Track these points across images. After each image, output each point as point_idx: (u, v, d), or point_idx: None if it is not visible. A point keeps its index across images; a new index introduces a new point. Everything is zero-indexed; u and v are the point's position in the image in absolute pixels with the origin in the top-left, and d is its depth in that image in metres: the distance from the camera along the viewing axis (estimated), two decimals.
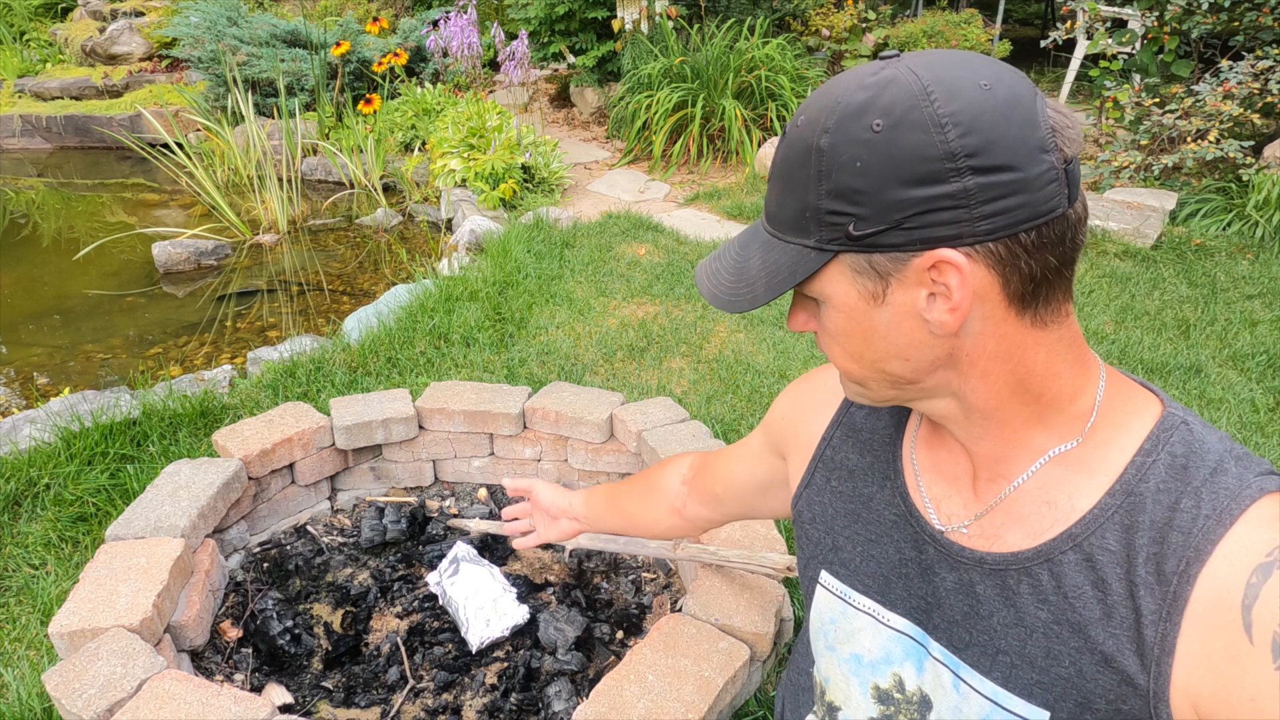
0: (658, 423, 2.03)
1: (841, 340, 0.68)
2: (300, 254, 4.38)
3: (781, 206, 0.65)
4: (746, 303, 0.66)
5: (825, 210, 0.61)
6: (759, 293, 0.65)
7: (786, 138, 0.64)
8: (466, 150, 4.59)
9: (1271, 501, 0.61)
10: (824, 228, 0.62)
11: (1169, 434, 0.66)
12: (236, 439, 1.97)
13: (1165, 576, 0.61)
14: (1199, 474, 0.63)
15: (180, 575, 1.62)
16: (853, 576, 0.82)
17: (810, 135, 0.61)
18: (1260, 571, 0.58)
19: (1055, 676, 0.66)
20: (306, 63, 5.87)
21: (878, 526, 0.80)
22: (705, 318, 3.13)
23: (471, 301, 3.15)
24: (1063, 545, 0.66)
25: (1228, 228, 3.95)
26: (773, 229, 0.67)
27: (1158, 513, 0.63)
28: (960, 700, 0.73)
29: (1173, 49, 4.71)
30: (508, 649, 1.69)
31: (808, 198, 0.62)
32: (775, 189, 0.66)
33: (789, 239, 0.65)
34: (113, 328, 3.56)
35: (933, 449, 0.77)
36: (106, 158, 6.51)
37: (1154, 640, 0.61)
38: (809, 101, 0.64)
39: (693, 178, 5.08)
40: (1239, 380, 2.72)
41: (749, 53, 5.15)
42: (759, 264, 0.66)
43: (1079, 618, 0.65)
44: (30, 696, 1.56)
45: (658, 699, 1.32)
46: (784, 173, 0.64)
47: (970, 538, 0.72)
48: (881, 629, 0.80)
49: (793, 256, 0.64)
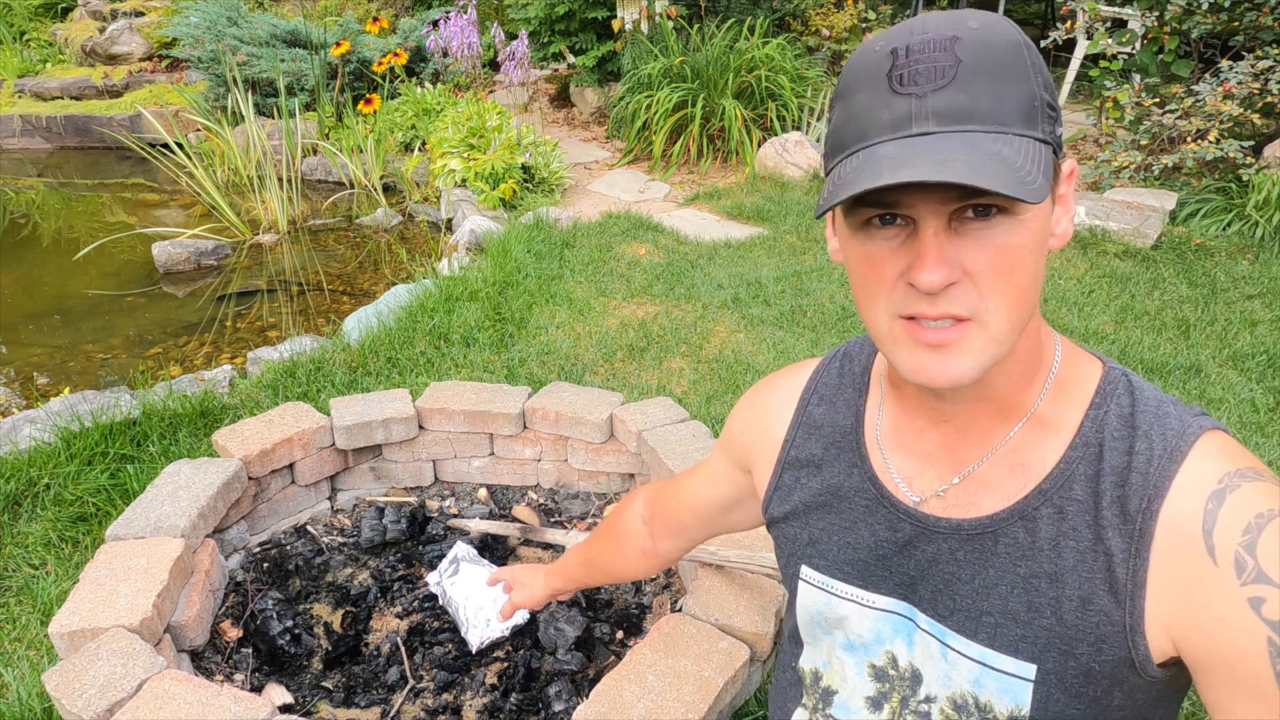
0: (658, 423, 2.03)
1: (1026, 264, 0.61)
2: (300, 254, 4.38)
3: (1001, 99, 0.59)
4: (1037, 190, 0.56)
5: (1046, 103, 0.61)
6: (1040, 181, 0.57)
7: (965, 40, 0.59)
8: (466, 150, 4.59)
9: (1211, 438, 0.66)
10: (1046, 120, 0.61)
11: (1114, 387, 0.71)
12: (236, 439, 1.97)
13: (1130, 515, 0.65)
14: (1145, 419, 0.68)
15: (180, 575, 1.62)
16: (832, 566, 0.83)
17: (1005, 32, 0.60)
18: (1215, 498, 0.63)
19: (1038, 629, 0.69)
20: (306, 63, 5.87)
21: (850, 514, 0.82)
22: (705, 318, 3.13)
23: (471, 301, 3.15)
24: (1035, 502, 0.70)
25: (1228, 228, 3.95)
26: (997, 127, 0.59)
27: (1115, 458, 0.67)
28: (949, 669, 0.75)
29: (1173, 49, 4.71)
30: (508, 649, 1.69)
31: (1034, 89, 0.60)
32: (980, 84, 0.59)
33: (1021, 131, 0.59)
34: (113, 328, 3.56)
35: (901, 432, 0.79)
36: (106, 158, 6.51)
37: (1125, 577, 0.65)
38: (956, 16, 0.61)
39: (693, 178, 5.09)
40: (1239, 380, 2.72)
41: (749, 53, 5.15)
42: (1014, 153, 0.57)
43: (1055, 568, 0.68)
44: (30, 696, 1.56)
45: (658, 699, 1.32)
46: (994, 66, 0.59)
47: (946, 508, 0.75)
48: (867, 612, 0.81)
49: (1033, 149, 0.59)
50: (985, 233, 0.60)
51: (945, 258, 0.60)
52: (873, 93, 0.61)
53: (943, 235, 0.60)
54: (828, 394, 0.88)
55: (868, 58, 0.62)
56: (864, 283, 0.65)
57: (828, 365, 0.90)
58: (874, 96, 0.61)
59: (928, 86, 0.59)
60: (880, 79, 0.61)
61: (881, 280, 0.63)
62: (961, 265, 0.60)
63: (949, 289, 0.61)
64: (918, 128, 0.59)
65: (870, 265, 0.64)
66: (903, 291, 0.62)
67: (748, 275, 3.52)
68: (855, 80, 0.63)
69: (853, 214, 0.64)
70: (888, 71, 0.60)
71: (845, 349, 0.90)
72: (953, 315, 0.61)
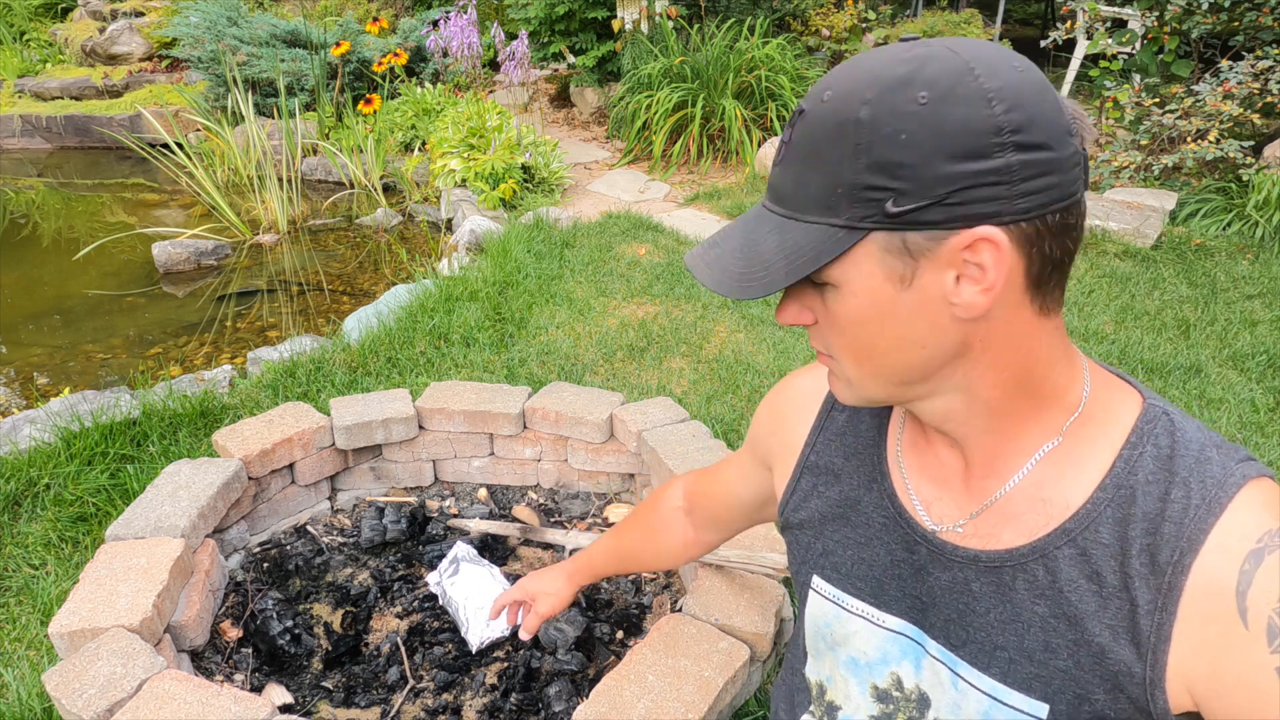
0: (658, 423, 2.03)
1: (852, 330, 0.65)
2: (300, 254, 4.38)
3: (802, 185, 0.62)
4: (761, 287, 0.62)
5: (862, 185, 0.59)
6: (777, 276, 0.61)
7: (807, 115, 0.61)
8: (466, 150, 4.59)
9: (1255, 487, 0.62)
10: (857, 204, 0.59)
11: (1152, 426, 0.67)
12: (236, 439, 1.97)
13: (1160, 567, 0.62)
14: (1185, 464, 0.64)
15: (180, 575, 1.62)
16: (844, 580, 0.82)
17: (845, 108, 0.59)
18: (1252, 558, 0.59)
19: (1053, 670, 0.67)
20: (306, 63, 5.87)
21: (867, 529, 0.80)
22: (705, 318, 3.13)
23: (471, 301, 3.15)
24: (1057, 541, 0.67)
25: (1228, 228, 3.95)
26: (787, 210, 0.63)
27: (1149, 504, 0.64)
28: (959, 697, 0.73)
29: (1173, 49, 4.71)
30: (508, 649, 1.69)
31: (841, 173, 0.59)
32: (793, 169, 0.63)
33: (811, 219, 0.62)
34: (113, 328, 3.56)
35: (919, 452, 0.77)
36: (106, 158, 6.51)
37: (1150, 630, 0.62)
38: (833, 78, 0.61)
39: (693, 178, 5.08)
40: (1239, 380, 2.72)
41: (749, 53, 5.15)
42: (774, 246, 0.62)
43: (1075, 611, 0.66)
44: (30, 696, 1.56)
45: (658, 699, 1.32)
46: (808, 150, 0.61)
47: (965, 537, 0.72)
48: (876, 630, 0.80)
49: (816, 236, 0.61)
50: (825, 292, 0.65)
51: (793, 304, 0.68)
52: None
53: (804, 284, 0.66)
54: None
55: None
56: None
57: None
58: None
59: (777, 160, 0.65)
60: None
61: None
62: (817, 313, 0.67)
63: (812, 328, 0.68)
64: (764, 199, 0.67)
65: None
66: None
67: None
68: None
69: None
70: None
71: None
72: (818, 349, 0.70)
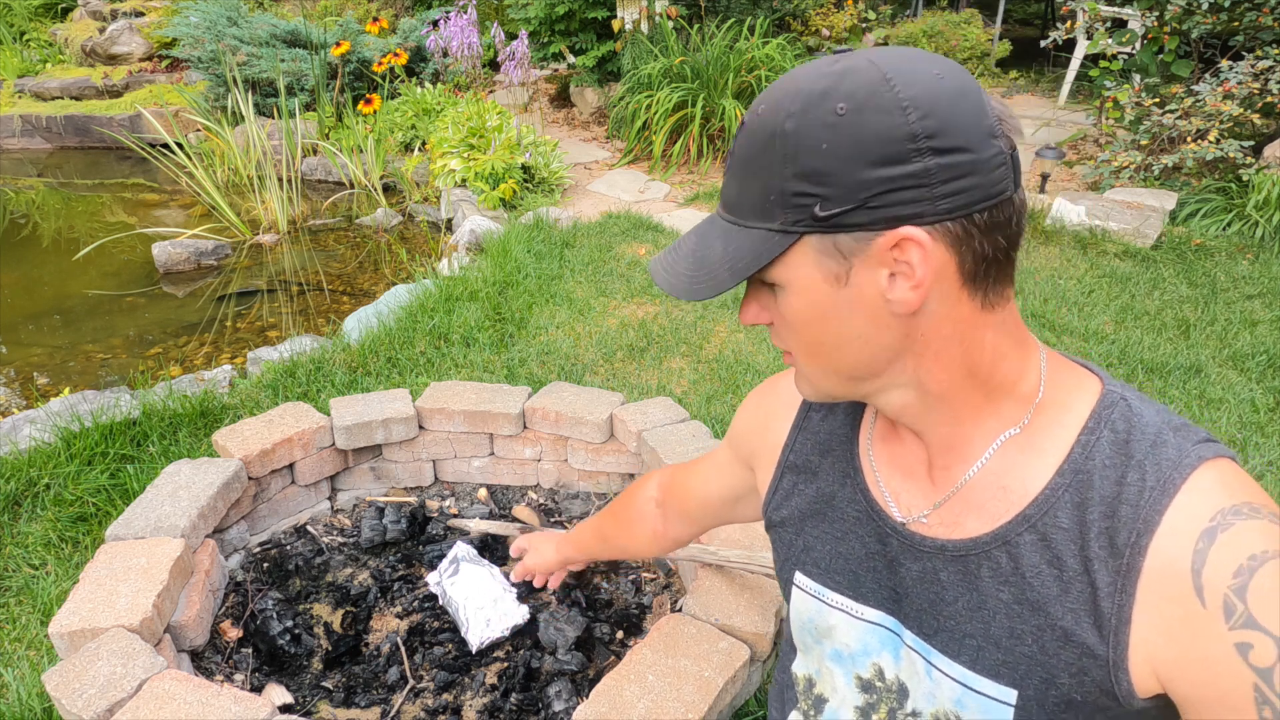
0: (658, 423, 2.03)
1: (800, 328, 0.69)
2: (300, 254, 4.38)
3: (743, 193, 0.66)
4: (707, 289, 0.67)
5: (791, 192, 0.63)
6: (722, 278, 0.66)
7: (746, 127, 0.66)
8: (466, 150, 4.59)
9: (1211, 468, 0.64)
10: (789, 210, 0.63)
11: (1109, 410, 0.68)
12: (236, 439, 1.97)
13: (1118, 549, 0.64)
14: (1140, 447, 0.66)
15: (180, 575, 1.62)
16: (824, 575, 0.84)
17: (774, 121, 0.63)
18: (1205, 536, 0.61)
19: (1020, 655, 0.68)
20: (306, 63, 5.87)
21: (843, 524, 0.82)
22: (705, 318, 3.13)
23: (471, 301, 3.15)
24: (1018, 527, 0.69)
25: (1228, 228, 3.95)
26: (732, 217, 0.68)
27: (1106, 488, 0.65)
28: (933, 686, 0.75)
29: (1173, 49, 4.71)
30: (508, 649, 1.69)
31: (772, 181, 0.63)
32: (735, 177, 0.67)
33: (751, 224, 0.66)
34: (113, 328, 3.56)
35: (888, 445, 0.80)
36: (106, 158, 6.51)
37: (1111, 611, 0.64)
38: (768, 92, 0.66)
39: (693, 178, 5.09)
40: (1239, 380, 2.72)
41: (749, 53, 5.16)
42: (720, 251, 0.67)
43: (1038, 596, 0.67)
44: (30, 696, 1.56)
45: (658, 699, 1.32)
46: (746, 159, 0.66)
47: (931, 527, 0.74)
48: (856, 623, 0.82)
49: (756, 241, 0.66)
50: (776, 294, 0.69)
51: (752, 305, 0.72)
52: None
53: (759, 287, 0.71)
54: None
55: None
56: None
57: None
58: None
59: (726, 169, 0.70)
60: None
61: None
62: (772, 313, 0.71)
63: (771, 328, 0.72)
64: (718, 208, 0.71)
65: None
66: None
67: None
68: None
69: None
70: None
71: None
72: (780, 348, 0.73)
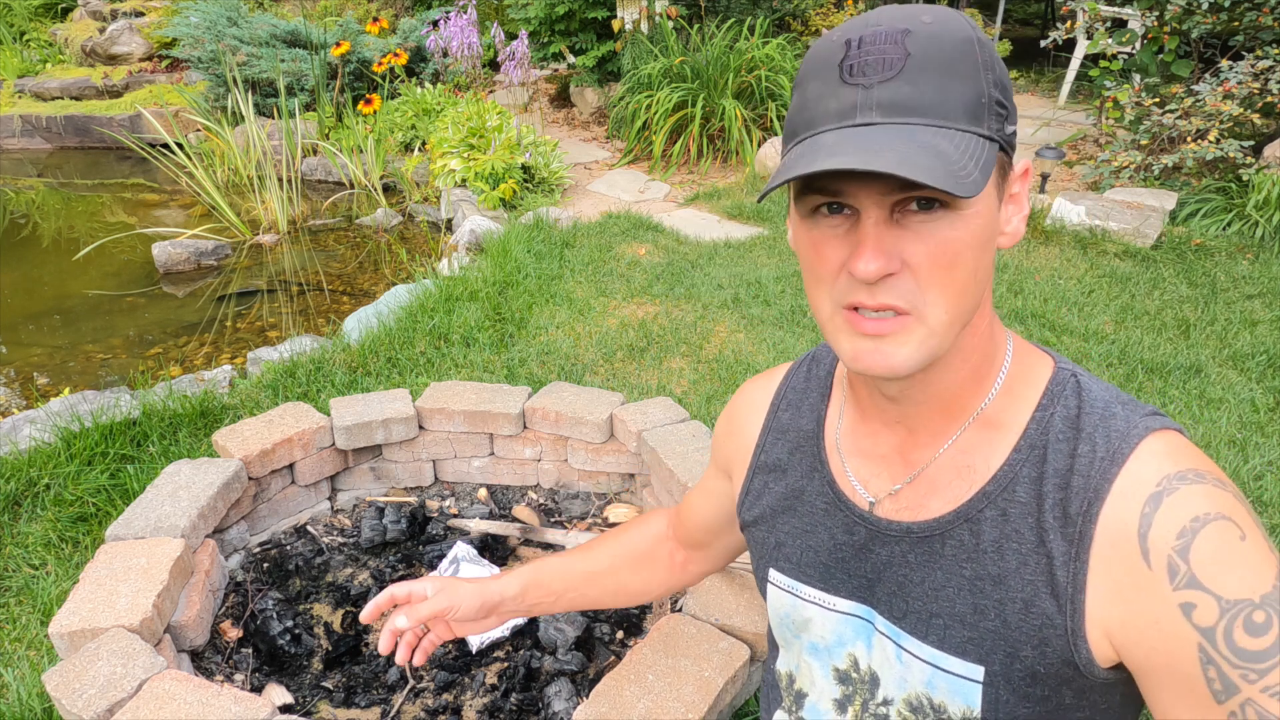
0: (658, 423, 2.03)
1: (964, 259, 0.62)
2: (300, 254, 4.38)
3: (946, 94, 0.59)
4: (970, 184, 0.56)
5: (994, 100, 0.61)
6: (976, 176, 0.57)
7: (915, 33, 0.59)
8: (466, 150, 4.59)
9: (1158, 438, 0.65)
10: (992, 118, 0.61)
11: (1061, 388, 0.70)
12: (236, 439, 1.97)
13: (1070, 518, 0.65)
14: (1090, 420, 0.67)
15: (180, 575, 1.62)
16: (796, 569, 0.84)
17: (958, 27, 0.61)
18: (1151, 501, 0.62)
19: (984, 631, 0.69)
20: (306, 63, 5.87)
21: (811, 517, 0.83)
22: (705, 318, 3.13)
23: (471, 301, 3.15)
24: (979, 504, 0.70)
25: (1228, 228, 3.95)
26: (931, 119, 0.59)
27: (1059, 460, 0.67)
28: (903, 670, 0.76)
29: (1173, 49, 4.71)
30: (508, 649, 1.69)
31: (981, 86, 0.60)
32: (928, 78, 0.59)
33: (964, 128, 0.60)
34: (113, 328, 3.56)
35: (857, 435, 0.80)
36: (106, 158, 6.51)
37: (1066, 580, 0.65)
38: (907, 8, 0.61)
39: (693, 178, 5.09)
40: (1239, 380, 2.72)
41: (749, 53, 5.16)
42: (953, 148, 0.58)
43: (998, 570, 0.69)
44: (30, 696, 1.56)
45: (658, 699, 1.32)
46: (944, 62, 0.59)
47: (898, 511, 0.75)
48: (829, 615, 0.82)
49: (975, 145, 0.59)
50: (926, 225, 0.60)
51: (883, 249, 0.60)
52: (824, 82, 0.62)
53: (883, 226, 0.61)
54: (794, 398, 0.89)
55: (825, 47, 0.63)
56: (810, 269, 0.66)
57: (797, 369, 0.91)
58: (825, 86, 0.62)
59: (875, 78, 0.60)
60: (832, 68, 0.61)
61: (825, 268, 0.64)
62: (901, 256, 0.61)
63: (888, 279, 0.61)
64: (861, 118, 0.60)
65: (816, 252, 0.65)
66: (845, 280, 0.63)
67: (748, 275, 3.52)
68: (810, 69, 0.64)
69: (802, 201, 0.65)
70: (840, 61, 0.61)
71: (815, 353, 0.91)
72: (891, 306, 0.62)
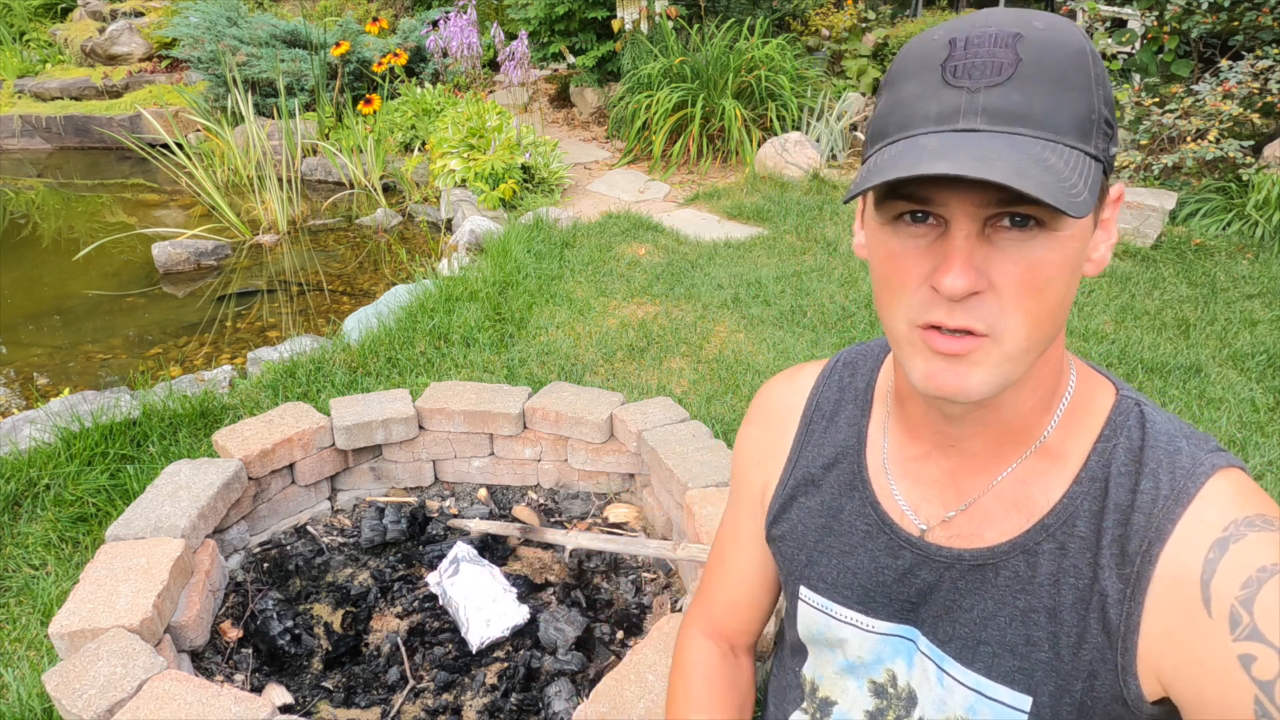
0: (658, 423, 2.03)
1: (1056, 283, 0.58)
2: (300, 254, 4.38)
3: (1057, 106, 0.56)
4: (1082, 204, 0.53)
5: (1103, 119, 0.57)
6: (1085, 196, 0.53)
7: (1027, 39, 0.56)
8: (466, 150, 4.59)
9: (1223, 478, 0.63)
10: (1100, 137, 0.57)
11: (1125, 418, 0.68)
12: (236, 439, 1.97)
13: (1129, 557, 0.63)
14: (1154, 455, 0.65)
15: (180, 575, 1.62)
16: (831, 590, 0.81)
17: (1071, 38, 0.56)
18: (1217, 547, 0.60)
19: (1035, 662, 0.68)
20: (306, 63, 5.87)
21: (850, 537, 0.79)
22: (705, 318, 3.13)
23: (471, 301, 3.15)
24: (1037, 536, 0.68)
25: (1227, 227, 3.95)
26: (1039, 132, 0.55)
27: (1120, 496, 0.65)
28: (944, 693, 0.74)
29: (1172, 49, 4.71)
30: (508, 649, 1.69)
31: (1092, 102, 0.56)
32: (1042, 87, 0.55)
33: (1072, 144, 0.56)
34: (113, 328, 3.56)
35: (904, 457, 0.77)
36: (106, 158, 6.51)
37: (1119, 619, 0.63)
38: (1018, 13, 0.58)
39: (693, 178, 5.09)
40: (1239, 380, 2.72)
41: (749, 53, 5.16)
42: (1063, 164, 0.54)
43: (1053, 603, 0.67)
44: (30, 696, 1.56)
45: (658, 699, 1.32)
46: (1053, 71, 0.55)
47: (950, 538, 0.73)
48: (867, 636, 0.80)
49: (1083, 163, 0.55)
50: (1019, 245, 0.57)
51: (973, 264, 0.56)
52: (923, 82, 0.58)
53: (974, 240, 0.57)
54: (829, 409, 0.84)
55: (925, 45, 0.59)
56: (886, 281, 0.62)
57: (827, 379, 0.86)
58: (924, 86, 0.58)
59: (982, 82, 0.56)
60: (933, 69, 0.58)
61: (905, 280, 0.60)
62: (989, 275, 0.57)
63: (971, 299, 0.57)
64: (965, 123, 0.56)
65: (895, 263, 0.61)
66: (925, 295, 0.59)
67: (748, 275, 3.52)
68: (908, 67, 0.60)
69: (884, 207, 0.60)
70: (942, 61, 0.57)
71: (846, 358, 0.87)
72: (969, 329, 0.58)
